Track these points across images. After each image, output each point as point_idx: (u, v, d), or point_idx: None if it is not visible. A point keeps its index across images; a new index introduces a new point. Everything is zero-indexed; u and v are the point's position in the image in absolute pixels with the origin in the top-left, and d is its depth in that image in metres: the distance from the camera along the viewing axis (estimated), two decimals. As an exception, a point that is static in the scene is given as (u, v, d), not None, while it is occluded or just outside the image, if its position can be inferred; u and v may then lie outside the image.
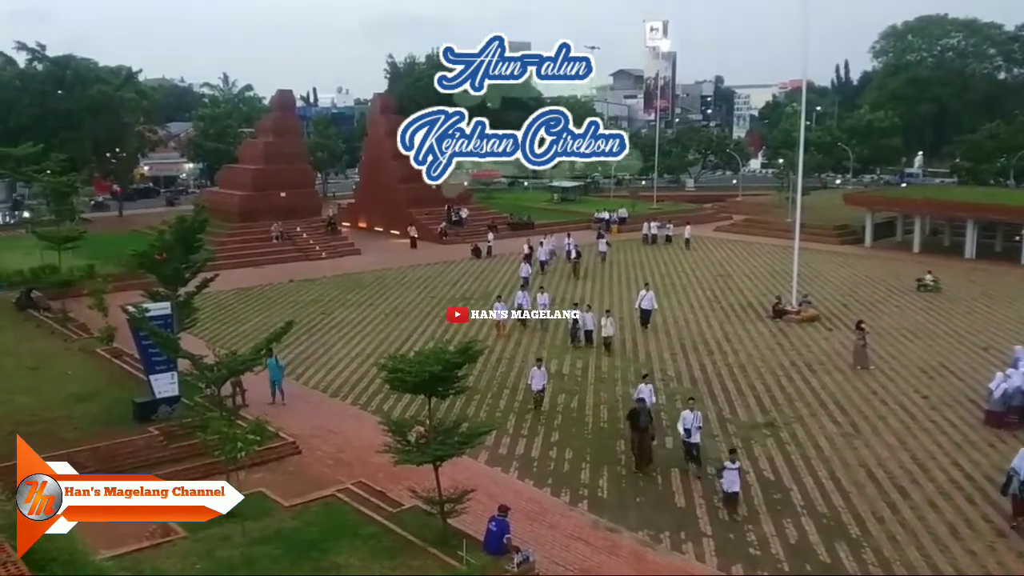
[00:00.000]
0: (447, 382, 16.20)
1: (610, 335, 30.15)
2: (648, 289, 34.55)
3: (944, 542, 16.96)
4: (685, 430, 19.83)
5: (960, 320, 34.97)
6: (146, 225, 51.23)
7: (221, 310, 37.27)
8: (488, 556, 15.08)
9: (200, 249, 27.20)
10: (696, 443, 19.85)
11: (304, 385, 27.23)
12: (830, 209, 59.10)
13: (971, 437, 22.35)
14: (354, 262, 50.00)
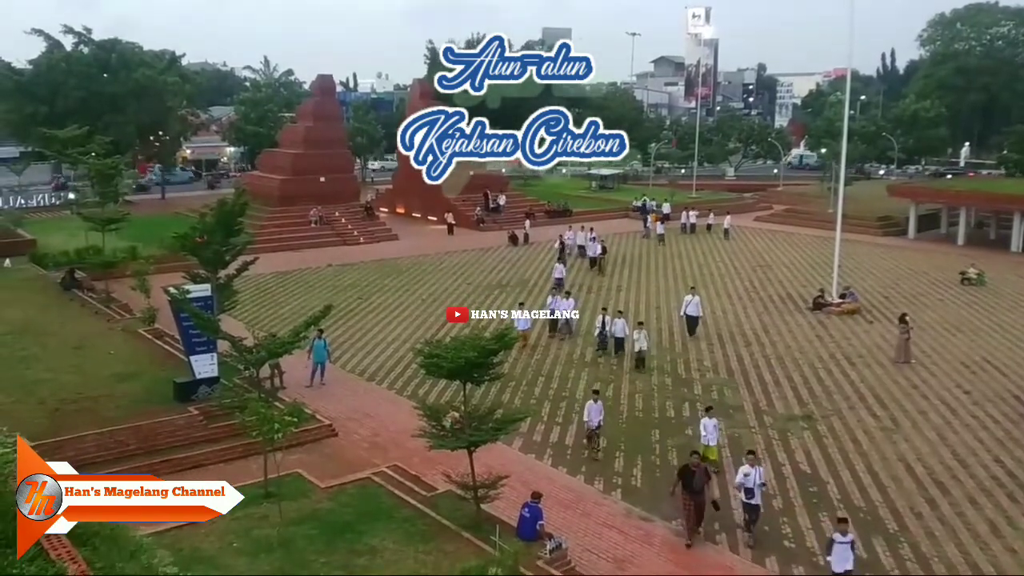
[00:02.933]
0: (483, 368, 16.23)
1: (643, 349, 26.85)
2: (694, 294, 32.00)
3: (984, 539, 16.69)
4: (746, 489, 16.47)
5: (1005, 314, 34.29)
6: (188, 208, 51.85)
7: (260, 293, 37.67)
8: (521, 542, 15.12)
9: (240, 232, 27.46)
10: (758, 505, 16.49)
11: (341, 369, 27.46)
12: (873, 200, 58.19)
13: (1014, 434, 21.94)
14: (391, 247, 50.24)
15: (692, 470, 16.35)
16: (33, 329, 28.56)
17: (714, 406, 22.77)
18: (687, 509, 16.39)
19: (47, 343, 26.98)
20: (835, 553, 14.64)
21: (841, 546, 14.64)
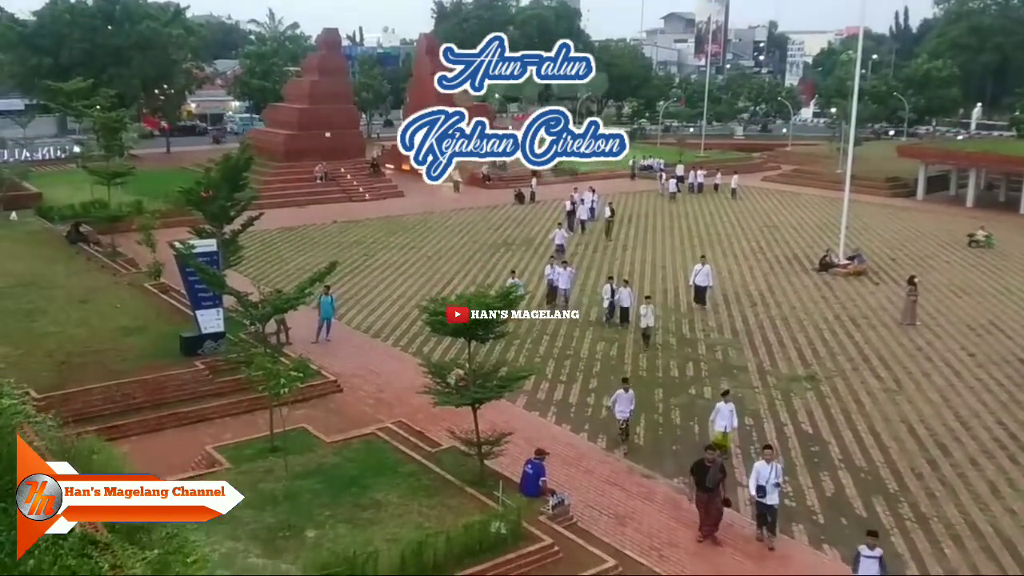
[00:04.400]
0: (487, 326, 16.27)
1: (649, 326, 25.64)
2: (704, 263, 30.39)
3: (984, 500, 16.81)
4: (759, 487, 15.13)
5: (1012, 277, 34.18)
6: (193, 162, 51.71)
7: (266, 249, 37.67)
8: (524, 497, 15.27)
9: (245, 187, 27.46)
10: (773, 505, 15.20)
11: (347, 325, 27.54)
12: (882, 161, 57.77)
13: (1017, 396, 21.98)
14: (397, 204, 50.09)
15: (706, 466, 15.15)
16: (39, 282, 28.65)
17: (723, 369, 22.89)
18: (700, 507, 15.27)
19: (53, 296, 27.07)
20: (862, 568, 13.28)
21: (869, 561, 13.25)
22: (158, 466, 16.27)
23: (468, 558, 13.36)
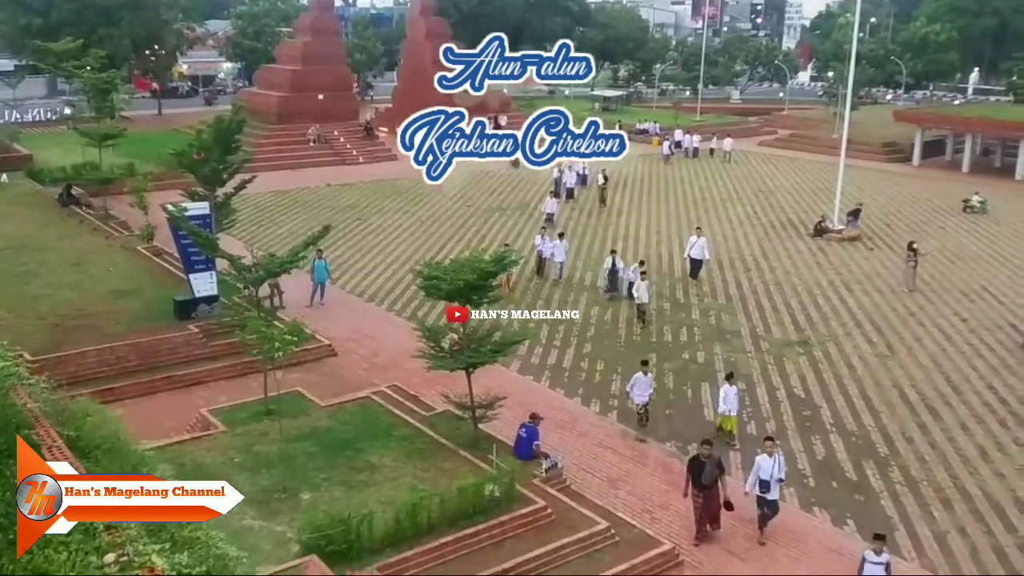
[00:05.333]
0: (482, 291, 16.27)
1: (644, 302, 24.65)
2: (700, 235, 29.21)
3: (973, 464, 16.97)
4: (762, 482, 14.32)
5: (1006, 243, 34.22)
6: (185, 124, 51.24)
7: (259, 212, 37.50)
8: (517, 461, 15.37)
9: (238, 150, 27.26)
10: (775, 501, 14.40)
11: (341, 289, 27.51)
12: (879, 125, 57.49)
13: (1008, 361, 22.12)
14: (391, 168, 49.67)
15: (702, 461, 14.27)
16: (31, 245, 28.50)
17: (717, 333, 22.93)
18: (696, 505, 14.33)
19: (46, 259, 26.95)
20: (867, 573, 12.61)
21: (874, 566, 12.53)
22: (153, 429, 16.33)
23: (462, 520, 13.47)
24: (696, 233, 29.56)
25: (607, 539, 13.79)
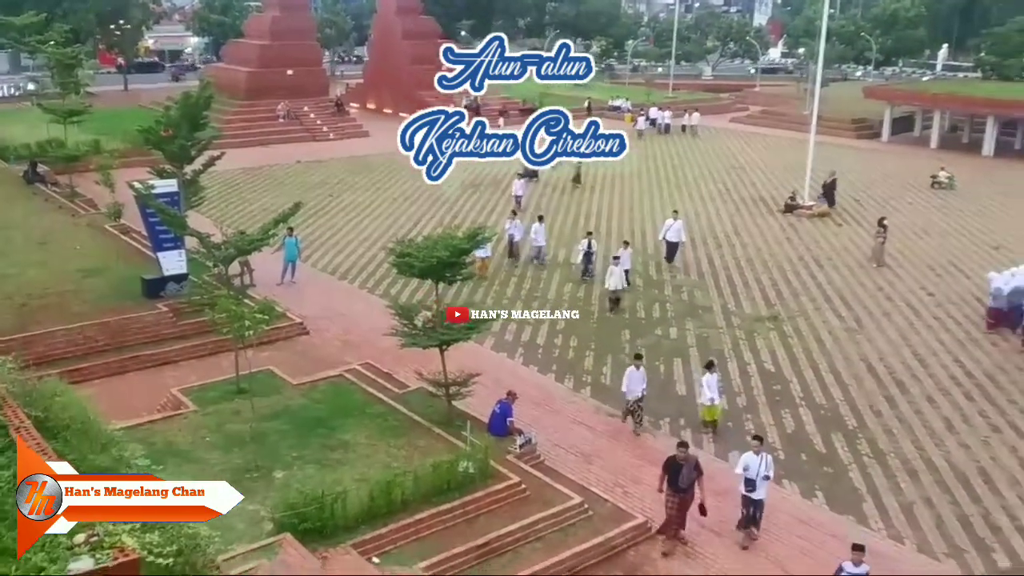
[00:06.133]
0: (455, 268, 16.24)
1: (618, 288, 23.84)
2: (676, 218, 28.55)
3: (939, 436, 17.27)
4: (747, 480, 13.80)
5: (972, 219, 34.66)
6: (151, 100, 50.46)
7: (228, 189, 37.11)
8: (491, 437, 15.43)
9: (206, 126, 26.95)
10: (761, 500, 13.91)
11: (312, 267, 27.34)
12: (849, 102, 57.77)
13: (974, 335, 22.47)
14: (362, 144, 49.40)
15: (679, 463, 13.55)
16: (-4, 224, 28.01)
17: (689, 309, 23.06)
18: (669, 508, 13.65)
19: (11, 237, 26.50)
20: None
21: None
22: (122, 409, 16.17)
23: (436, 497, 13.52)
24: (672, 215, 28.92)
25: (581, 514, 13.91)
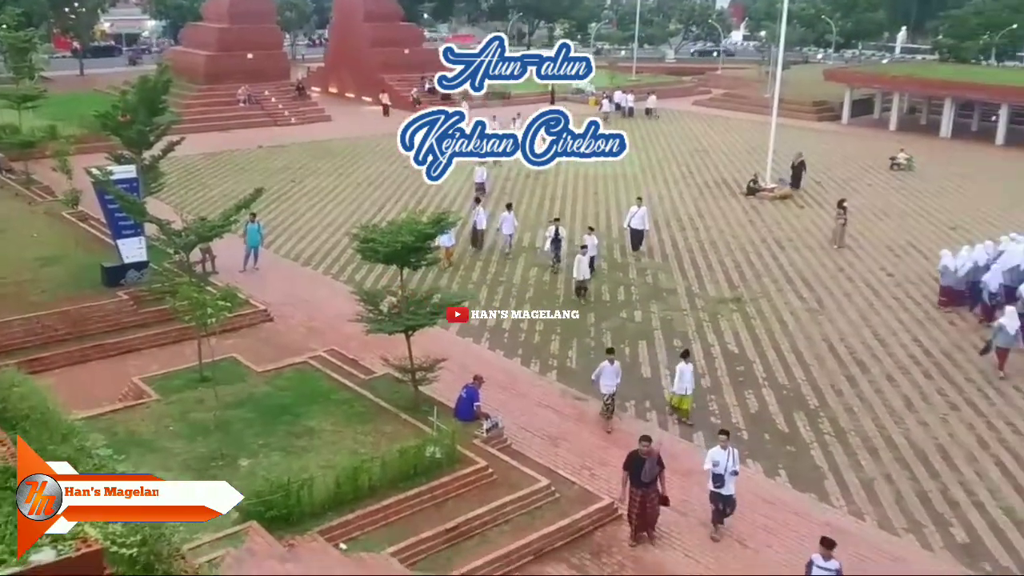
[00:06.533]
0: (420, 253, 16.18)
1: (585, 278, 23.38)
2: (640, 205, 27.98)
3: (899, 414, 17.59)
4: (715, 476, 13.52)
5: (930, 199, 35.22)
6: (108, 85, 49.59)
7: (188, 175, 36.60)
8: (458, 422, 15.44)
9: (165, 111, 26.55)
10: (730, 496, 13.64)
11: (275, 253, 27.11)
12: (809, 84, 58.32)
13: (932, 314, 22.88)
14: (324, 129, 48.97)
15: (642, 458, 13.22)
16: (-52, 212, 27.40)
17: (653, 292, 23.19)
18: (634, 506, 13.37)
19: (-35, 226, 25.95)
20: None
21: (822, 571, 11.59)
22: (84, 398, 15.98)
23: (403, 482, 13.52)
24: (637, 203, 28.34)
25: (548, 496, 13.99)
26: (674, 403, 17.36)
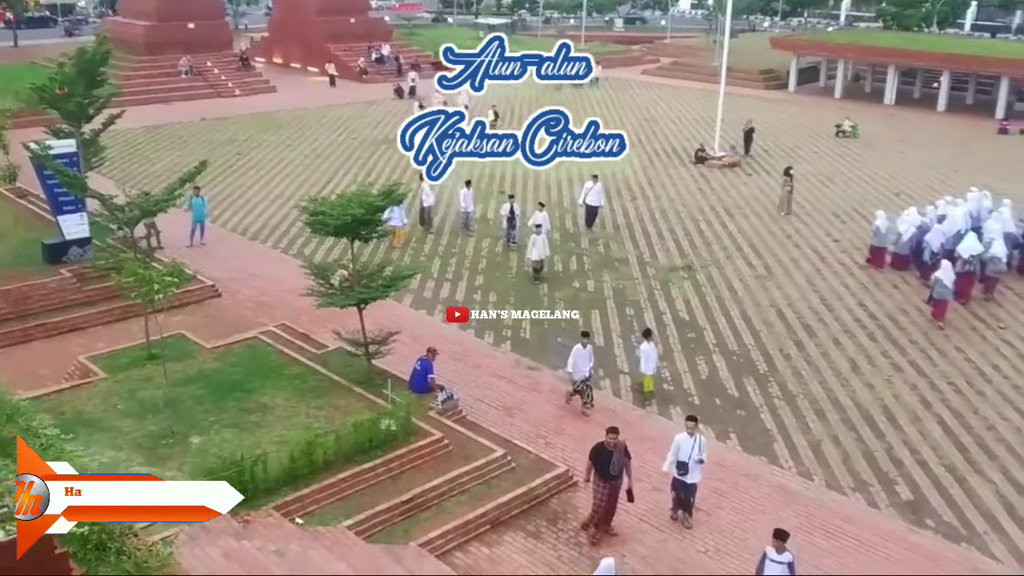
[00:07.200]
0: (370, 225, 16.04)
1: (542, 258, 22.87)
2: (596, 181, 27.19)
3: (845, 377, 17.99)
4: (679, 463, 13.07)
5: (875, 166, 35.82)
6: (44, 57, 48.08)
7: (130, 149, 35.75)
8: (413, 394, 15.42)
9: (104, 83, 25.95)
10: (694, 485, 13.21)
11: (222, 228, 26.67)
12: (757, 53, 58.71)
13: (877, 279, 23.38)
14: (269, 100, 48.10)
15: (608, 450, 12.68)
16: None
17: (605, 262, 23.30)
18: (599, 499, 12.79)
19: None
20: (766, 573, 11.09)
21: (774, 565, 10.99)
22: (28, 379, 15.67)
23: (359, 456, 13.48)
24: (592, 179, 27.33)
25: (504, 466, 14.08)
26: (638, 384, 17.14)
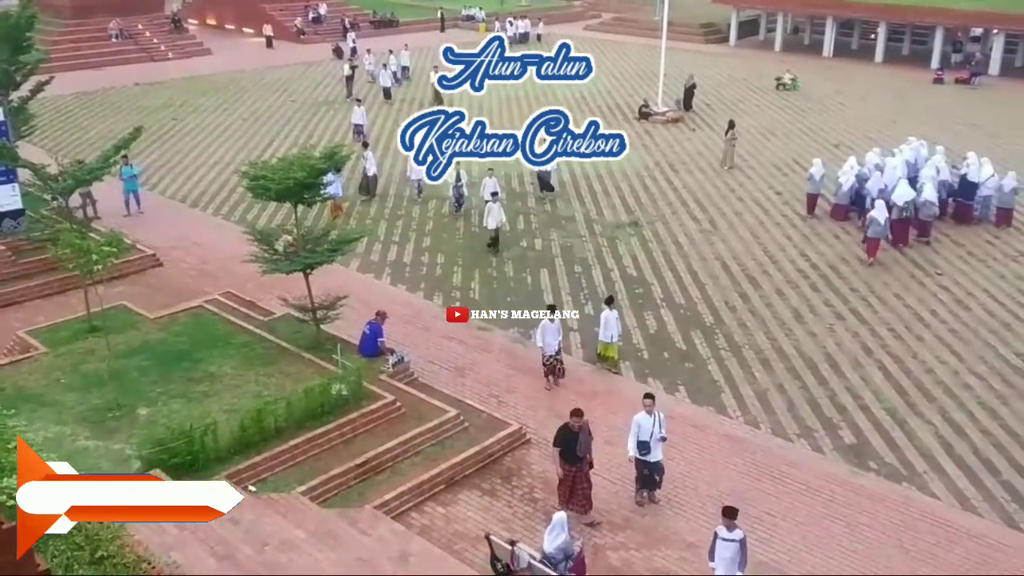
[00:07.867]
0: (313, 189, 15.82)
1: (499, 225, 22.06)
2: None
3: (789, 326, 18.36)
4: (640, 442, 12.60)
5: (815, 118, 36.25)
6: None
7: (61, 116, 34.64)
8: (363, 358, 15.36)
9: (31, 49, 25.05)
10: (657, 462, 12.72)
11: (160, 195, 26.07)
12: (697, 7, 58.68)
13: (819, 229, 23.80)
14: (204, 63, 46.85)
15: (574, 432, 12.35)
16: None
17: (552, 220, 23.32)
18: (565, 484, 12.45)
19: None
20: (718, 553, 10.68)
21: (726, 544, 10.63)
22: (-37, 357, 15.22)
23: (311, 421, 13.46)
24: None
25: (457, 426, 14.16)
26: (600, 352, 16.76)
